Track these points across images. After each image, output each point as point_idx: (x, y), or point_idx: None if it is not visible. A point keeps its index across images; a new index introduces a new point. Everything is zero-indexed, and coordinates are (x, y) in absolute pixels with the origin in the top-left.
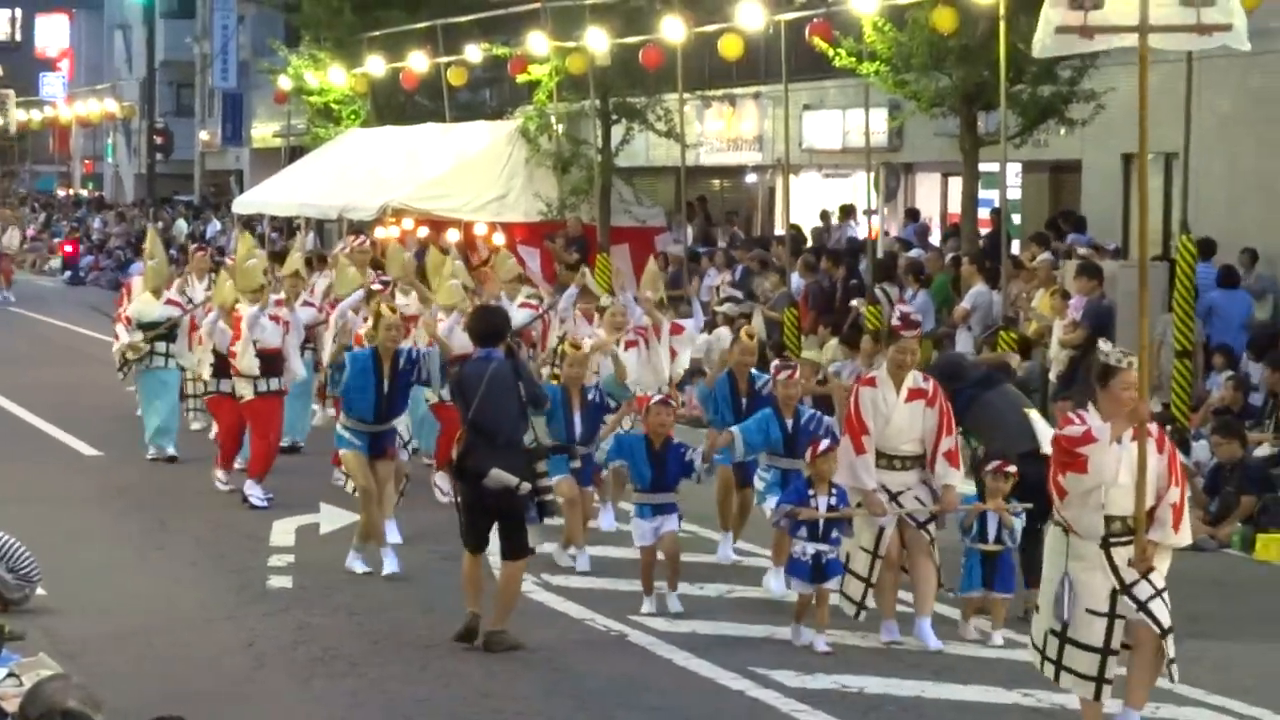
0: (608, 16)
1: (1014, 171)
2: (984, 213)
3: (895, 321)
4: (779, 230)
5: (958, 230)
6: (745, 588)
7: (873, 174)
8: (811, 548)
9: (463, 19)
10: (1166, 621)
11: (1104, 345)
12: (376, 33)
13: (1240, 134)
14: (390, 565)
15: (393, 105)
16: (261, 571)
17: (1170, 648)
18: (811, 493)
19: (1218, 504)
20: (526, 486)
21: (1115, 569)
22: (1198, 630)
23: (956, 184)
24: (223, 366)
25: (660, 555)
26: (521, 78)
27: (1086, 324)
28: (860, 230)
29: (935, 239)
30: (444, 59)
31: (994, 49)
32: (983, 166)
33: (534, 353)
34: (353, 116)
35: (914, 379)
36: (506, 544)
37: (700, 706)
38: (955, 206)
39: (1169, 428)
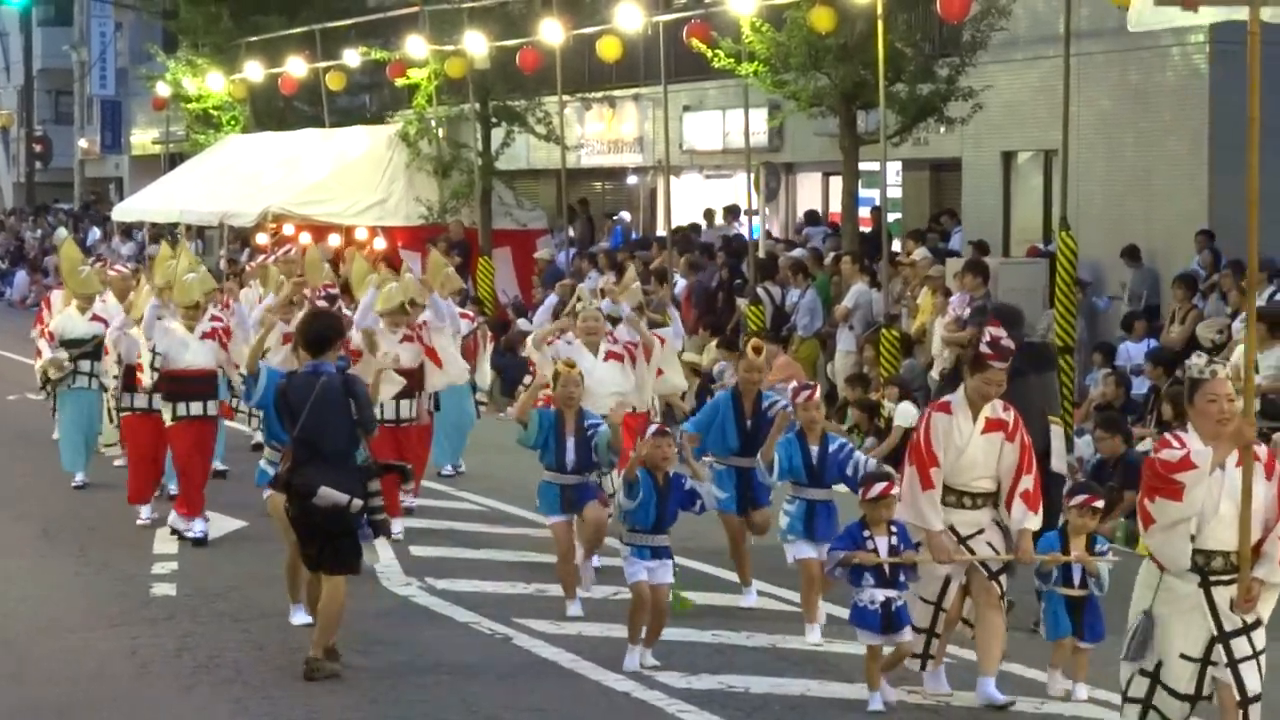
0: (486, 20)
1: (894, 170)
2: (865, 211)
3: (984, 349)
4: (660, 231)
5: (838, 229)
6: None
7: (754, 174)
8: (880, 594)
9: (341, 24)
10: (1255, 689)
11: (1192, 358)
12: (254, 38)
13: (1120, 130)
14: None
15: (272, 111)
16: (145, 580)
17: (1253, 717)
18: (867, 534)
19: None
20: (358, 504)
21: (1215, 611)
22: None
23: (837, 183)
24: (131, 380)
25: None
26: (401, 82)
27: (975, 323)
28: (743, 230)
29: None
30: (322, 64)
31: (872, 48)
32: (863, 165)
33: (471, 364)
34: (232, 122)
35: (993, 408)
36: (332, 559)
37: (586, 707)
38: (836, 205)
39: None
